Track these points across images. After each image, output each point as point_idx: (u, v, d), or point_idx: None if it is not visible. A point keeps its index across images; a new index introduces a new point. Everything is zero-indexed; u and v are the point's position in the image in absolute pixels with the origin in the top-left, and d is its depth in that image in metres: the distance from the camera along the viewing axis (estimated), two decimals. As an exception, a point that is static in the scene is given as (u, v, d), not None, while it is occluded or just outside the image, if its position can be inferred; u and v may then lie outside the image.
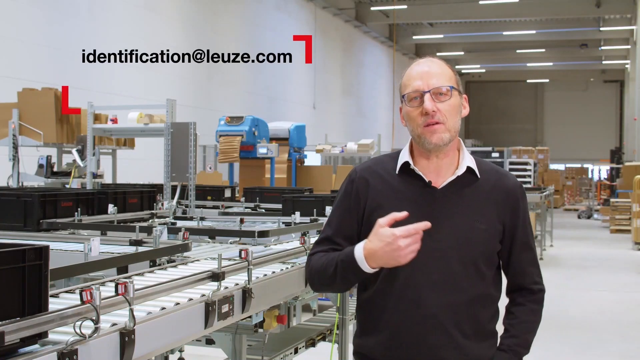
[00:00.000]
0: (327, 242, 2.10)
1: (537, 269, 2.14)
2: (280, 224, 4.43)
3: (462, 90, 2.06)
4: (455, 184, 2.03)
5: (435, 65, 2.02)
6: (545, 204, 13.46)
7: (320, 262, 2.04)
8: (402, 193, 2.03)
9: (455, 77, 2.04)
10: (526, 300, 2.09)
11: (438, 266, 1.96)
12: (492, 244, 2.03)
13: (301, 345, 3.90)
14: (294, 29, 22.17)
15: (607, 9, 26.69)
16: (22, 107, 8.14)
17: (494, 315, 2.08)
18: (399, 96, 2.06)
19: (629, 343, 6.92)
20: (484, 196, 2.04)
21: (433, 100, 1.96)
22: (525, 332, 2.06)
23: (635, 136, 23.06)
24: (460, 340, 1.97)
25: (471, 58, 38.88)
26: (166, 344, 2.21)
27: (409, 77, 2.02)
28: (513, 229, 2.06)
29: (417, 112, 1.98)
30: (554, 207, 17.04)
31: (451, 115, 2.00)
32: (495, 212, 2.03)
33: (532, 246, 2.13)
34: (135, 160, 11.46)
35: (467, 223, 1.99)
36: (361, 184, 2.08)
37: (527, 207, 2.12)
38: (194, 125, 6.29)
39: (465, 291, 1.98)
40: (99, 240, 3.14)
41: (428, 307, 1.96)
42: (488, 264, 2.03)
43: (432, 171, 2.04)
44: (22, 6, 11.91)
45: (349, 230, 2.08)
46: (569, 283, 10.26)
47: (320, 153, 13.30)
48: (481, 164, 2.10)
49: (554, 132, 44.52)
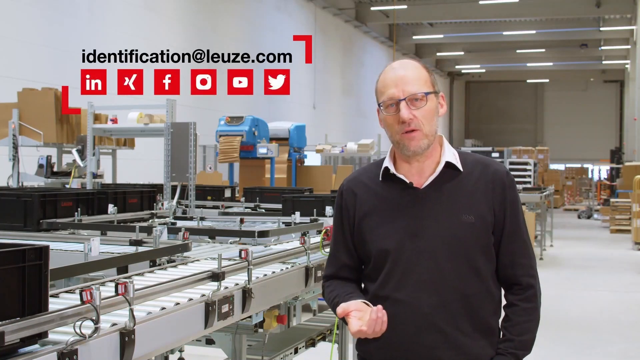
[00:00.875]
0: (333, 260, 2.19)
1: (530, 261, 2.07)
2: (280, 224, 4.42)
3: (438, 89, 2.03)
4: (438, 181, 2.02)
5: (410, 70, 2.00)
6: (545, 204, 13.46)
7: (328, 298, 2.14)
8: (386, 198, 2.04)
9: (431, 77, 2.03)
10: (518, 300, 2.04)
11: (427, 266, 1.96)
12: (483, 238, 2.00)
13: (301, 345, 3.90)
14: (294, 29, 22.17)
15: (607, 9, 26.68)
16: (22, 107, 8.14)
17: (494, 311, 2.05)
18: (376, 101, 2.05)
19: (629, 343, 6.92)
20: (469, 189, 2.01)
21: (409, 107, 1.96)
22: (520, 334, 2.01)
23: (635, 136, 23.06)
24: (458, 338, 1.96)
25: (471, 58, 38.88)
26: (166, 344, 2.21)
27: (384, 84, 2.00)
28: (502, 219, 2.02)
29: (394, 119, 1.98)
30: (554, 207, 17.04)
31: (428, 121, 1.98)
32: (484, 204, 2.00)
33: (524, 236, 2.06)
34: (135, 160, 11.46)
35: (453, 219, 1.98)
36: (348, 195, 2.12)
37: (516, 195, 2.06)
38: (194, 125, 6.29)
39: (457, 288, 1.97)
40: (99, 240, 3.14)
41: (419, 307, 1.96)
42: (484, 259, 2.00)
43: (414, 173, 2.04)
44: (22, 6, 11.91)
45: (345, 243, 2.13)
46: (569, 283, 10.26)
47: (320, 153, 13.31)
48: (465, 157, 2.07)
49: (554, 132, 44.52)
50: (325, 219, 4.47)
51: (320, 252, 3.30)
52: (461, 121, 47.08)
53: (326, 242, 3.24)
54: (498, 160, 2.22)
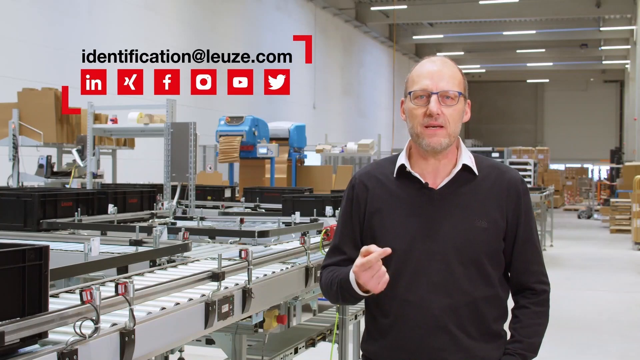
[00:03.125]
0: (336, 252, 2.13)
1: (542, 268, 2.09)
2: (280, 224, 4.42)
3: (467, 96, 2.04)
4: (453, 183, 2.01)
5: (447, 67, 2.00)
6: (545, 204, 13.47)
7: (327, 279, 2.08)
8: (399, 196, 2.02)
9: (464, 82, 2.03)
10: (530, 303, 2.05)
11: (438, 268, 1.95)
12: (494, 243, 2.00)
13: (301, 345, 3.90)
14: (294, 29, 22.17)
15: (607, 9, 26.69)
16: (22, 107, 8.15)
17: (501, 315, 2.05)
18: (404, 90, 2.03)
19: (629, 343, 6.92)
20: (484, 194, 2.01)
21: (439, 103, 1.95)
22: (529, 336, 2.02)
23: (635, 136, 23.07)
24: (465, 341, 1.96)
25: (471, 58, 38.86)
26: (166, 344, 2.21)
27: (419, 75, 1.99)
28: (515, 226, 2.03)
29: (420, 111, 1.96)
30: (554, 207, 17.04)
31: (454, 121, 1.98)
32: (497, 209, 2.00)
33: (536, 244, 2.07)
34: (135, 160, 11.46)
35: (466, 223, 1.97)
36: (360, 189, 2.09)
37: (529, 203, 2.07)
38: (194, 125, 6.29)
39: (467, 292, 1.96)
40: (99, 240, 3.14)
41: (430, 309, 1.95)
42: (493, 264, 2.01)
43: (430, 172, 2.02)
44: (22, 6, 11.91)
45: (353, 236, 2.10)
46: (569, 283, 10.26)
47: (320, 153, 13.31)
48: (481, 161, 2.07)
49: (554, 132, 44.52)
50: (325, 218, 4.47)
51: (320, 252, 3.29)
52: (460, 123, 47.03)
53: (326, 242, 3.24)
54: (498, 161, 2.20)
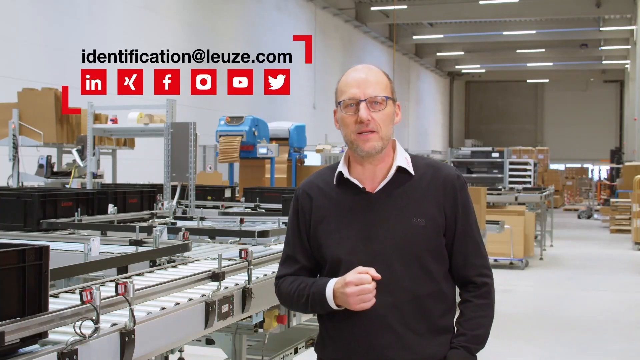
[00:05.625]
0: (290, 262, 2.17)
1: (483, 260, 2.12)
2: (280, 224, 4.42)
3: (395, 98, 2.10)
4: (389, 185, 2.07)
5: (372, 74, 2.06)
6: (545, 204, 13.45)
7: (291, 290, 2.11)
8: (340, 203, 2.08)
9: (391, 85, 2.09)
10: (472, 296, 2.09)
11: (381, 268, 1.98)
12: (434, 240, 2.05)
13: (301, 345, 3.90)
14: (294, 29, 22.17)
15: (607, 9, 26.68)
16: (22, 107, 8.15)
17: (448, 310, 2.09)
18: (334, 100, 2.09)
19: (629, 343, 6.92)
20: (420, 192, 2.06)
21: (368, 109, 2.01)
22: (473, 329, 2.05)
23: (635, 136, 23.06)
24: (411, 339, 2.00)
25: (471, 58, 38.88)
26: (166, 344, 2.21)
27: (346, 84, 2.06)
28: (454, 221, 2.07)
29: (351, 119, 2.03)
30: (554, 207, 17.03)
31: (385, 124, 2.04)
32: (434, 207, 2.05)
33: (476, 237, 2.12)
34: (135, 160, 11.46)
35: (404, 222, 2.03)
36: (304, 199, 2.14)
37: (467, 197, 2.12)
38: (194, 125, 6.29)
39: (409, 290, 2.01)
40: (99, 240, 3.15)
41: (374, 309, 1.98)
42: (436, 260, 2.05)
43: (367, 177, 2.08)
44: (22, 6, 11.92)
45: (303, 246, 2.14)
46: (569, 283, 10.26)
47: (320, 153, 13.32)
48: (417, 161, 2.12)
49: (554, 132, 44.52)
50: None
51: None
52: (461, 121, 47.09)
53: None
54: (498, 161, 2.20)
